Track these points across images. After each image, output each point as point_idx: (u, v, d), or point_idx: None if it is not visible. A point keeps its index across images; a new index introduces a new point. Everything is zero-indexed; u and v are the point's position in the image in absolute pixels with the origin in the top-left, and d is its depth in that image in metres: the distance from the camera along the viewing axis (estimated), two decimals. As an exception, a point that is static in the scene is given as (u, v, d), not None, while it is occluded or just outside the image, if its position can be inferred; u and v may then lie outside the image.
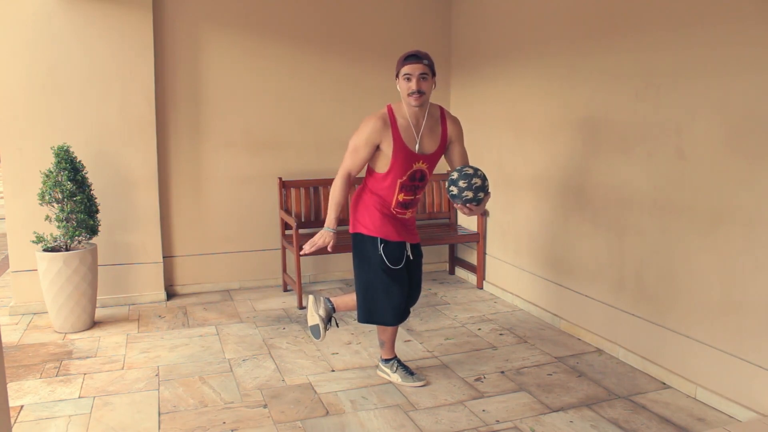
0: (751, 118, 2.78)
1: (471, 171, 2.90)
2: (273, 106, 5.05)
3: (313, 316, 3.35)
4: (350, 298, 3.33)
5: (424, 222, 5.37)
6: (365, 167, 3.17)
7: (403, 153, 3.01)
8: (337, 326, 3.57)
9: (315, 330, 3.35)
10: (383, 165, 3.06)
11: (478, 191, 2.88)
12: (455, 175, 2.91)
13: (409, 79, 2.95)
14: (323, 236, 3.07)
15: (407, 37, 5.31)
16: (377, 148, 3.03)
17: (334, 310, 3.36)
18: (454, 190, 2.88)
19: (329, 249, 3.11)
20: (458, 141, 3.16)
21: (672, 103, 3.19)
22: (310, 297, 3.41)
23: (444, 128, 3.12)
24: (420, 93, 2.94)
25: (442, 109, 3.17)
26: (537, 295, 4.42)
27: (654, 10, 3.27)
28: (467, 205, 2.90)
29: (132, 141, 4.59)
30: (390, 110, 3.05)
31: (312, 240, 3.09)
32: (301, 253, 3.14)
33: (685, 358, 3.20)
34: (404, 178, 3.05)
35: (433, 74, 2.99)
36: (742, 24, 2.80)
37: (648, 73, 3.32)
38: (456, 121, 3.17)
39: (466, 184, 2.86)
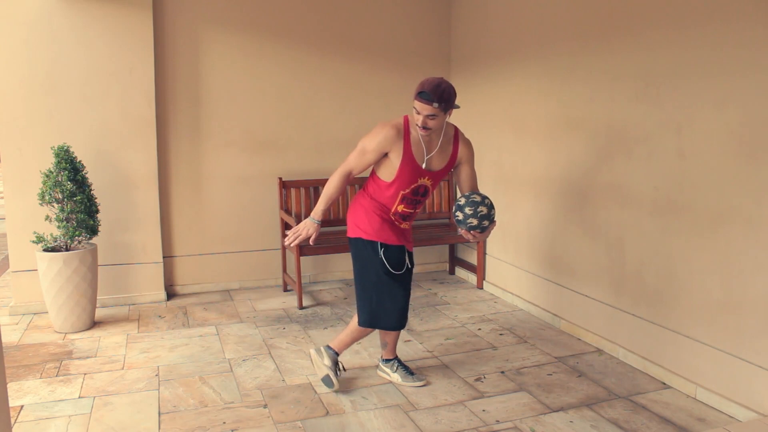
0: (751, 118, 2.78)
1: (478, 199, 2.90)
2: (273, 106, 5.05)
3: (321, 368, 3.25)
4: (345, 335, 3.26)
5: (424, 222, 5.37)
6: (367, 170, 3.17)
7: (410, 166, 3.00)
8: (344, 370, 3.37)
9: (327, 381, 3.23)
10: (389, 174, 3.05)
11: (483, 219, 2.89)
12: (462, 200, 2.92)
13: (417, 113, 2.91)
14: (307, 227, 3.02)
15: (407, 37, 5.32)
16: (385, 155, 3.02)
17: (337, 354, 3.27)
18: (460, 215, 2.91)
19: (311, 242, 3.05)
20: (468, 163, 3.15)
21: (672, 103, 3.19)
22: (311, 351, 3.31)
23: (455, 149, 3.11)
24: (426, 129, 2.93)
25: (456, 129, 3.15)
26: (537, 295, 4.42)
27: (654, 10, 3.27)
28: (471, 231, 2.92)
29: (132, 141, 4.60)
30: (406, 122, 3.03)
31: (295, 229, 3.04)
32: (285, 243, 3.07)
33: (685, 358, 3.20)
34: (407, 190, 3.05)
35: (446, 111, 2.90)
36: (743, 24, 2.80)
37: (648, 73, 3.32)
38: (468, 144, 3.16)
39: (471, 211, 2.87)
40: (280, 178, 4.98)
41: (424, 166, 3.03)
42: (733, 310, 2.92)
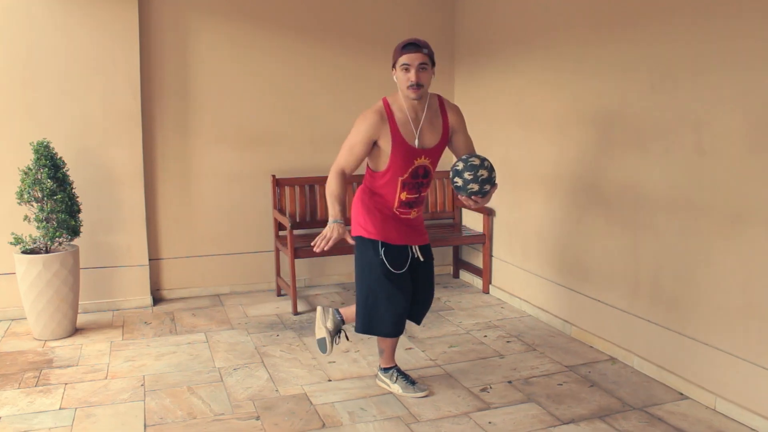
0: (774, 112, 2.79)
1: (477, 162, 2.89)
2: (265, 100, 5.05)
3: (321, 329, 3.32)
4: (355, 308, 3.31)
5: (427, 222, 5.35)
6: (362, 166, 3.17)
7: (402, 149, 3.00)
8: (347, 339, 3.49)
9: (321, 344, 3.33)
10: (382, 163, 3.05)
11: (484, 183, 2.88)
12: (460, 165, 2.90)
13: (407, 70, 2.92)
14: (334, 229, 2.91)
15: (407, 27, 5.31)
16: (375, 144, 3.02)
17: (343, 322, 3.33)
18: (459, 181, 2.89)
19: (349, 241, 2.98)
20: (461, 130, 3.15)
21: (690, 96, 3.19)
22: (318, 308, 3.38)
23: (445, 119, 3.11)
24: (419, 86, 2.93)
25: (440, 98, 3.16)
26: (546, 300, 4.42)
27: (671, -3, 3.28)
28: (472, 197, 2.90)
29: (116, 136, 4.59)
30: (386, 104, 3.04)
31: (323, 235, 2.92)
32: (316, 249, 2.93)
33: (704, 367, 3.20)
34: (406, 175, 3.05)
35: (433, 64, 2.97)
36: (764, 10, 2.79)
37: (664, 64, 3.32)
38: (456, 110, 3.16)
39: (471, 176, 2.86)
40: (274, 176, 4.99)
41: (416, 144, 3.02)
42: (755, 316, 2.92)
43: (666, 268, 3.41)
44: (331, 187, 3.03)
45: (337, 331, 3.32)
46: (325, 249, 2.93)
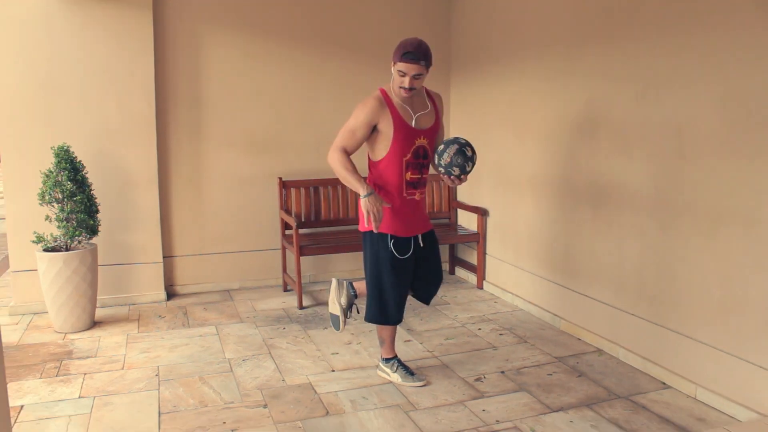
0: (750, 118, 2.81)
1: (448, 160, 3.02)
2: (273, 106, 5.08)
3: (334, 304, 3.39)
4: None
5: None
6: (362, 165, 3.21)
7: (403, 130, 3.07)
8: (358, 312, 3.58)
9: (335, 321, 3.40)
10: (384, 147, 3.09)
11: (462, 170, 3.04)
12: (441, 146, 3.07)
13: (402, 75, 2.98)
14: (373, 204, 2.95)
15: (407, 36, 5.33)
16: (375, 129, 3.07)
17: (356, 296, 3.39)
18: (446, 158, 3.02)
19: (387, 204, 3.03)
20: (440, 114, 3.29)
21: (672, 105, 3.21)
22: (333, 281, 3.43)
23: (433, 103, 3.23)
24: (410, 90, 3.01)
25: (425, 87, 3.26)
26: (537, 295, 4.45)
27: (654, 12, 3.30)
28: (451, 177, 3.04)
29: (132, 141, 4.62)
30: (383, 92, 3.12)
31: (367, 213, 2.95)
32: (374, 228, 2.98)
33: (685, 358, 3.22)
34: (409, 155, 3.10)
35: (429, 68, 3.03)
36: (741, 26, 2.82)
37: (648, 74, 3.35)
38: (440, 98, 3.30)
39: (458, 170, 3.02)
40: (280, 178, 5.01)
41: (413, 124, 3.10)
42: (733, 310, 2.95)
43: (649, 265, 3.44)
44: (342, 164, 3.03)
45: (349, 306, 3.39)
46: (378, 225, 2.97)
